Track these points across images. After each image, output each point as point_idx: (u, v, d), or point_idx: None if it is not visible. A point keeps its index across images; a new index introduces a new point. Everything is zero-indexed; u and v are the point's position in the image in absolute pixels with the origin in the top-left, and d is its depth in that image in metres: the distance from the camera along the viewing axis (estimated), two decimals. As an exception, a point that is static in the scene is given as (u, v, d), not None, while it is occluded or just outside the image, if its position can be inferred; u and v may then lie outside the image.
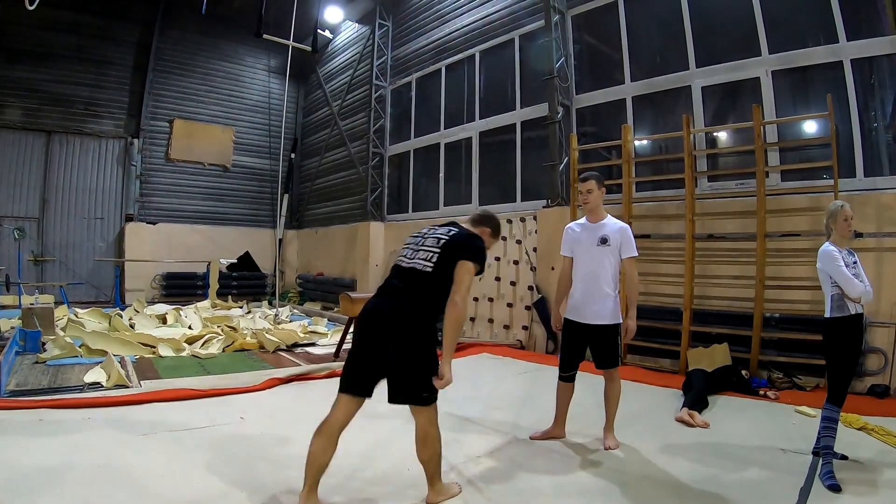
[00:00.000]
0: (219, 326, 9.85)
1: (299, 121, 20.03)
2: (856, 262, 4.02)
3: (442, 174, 13.08)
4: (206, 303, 13.29)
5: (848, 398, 3.95)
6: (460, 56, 12.79)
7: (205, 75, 17.84)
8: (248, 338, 8.95)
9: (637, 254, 4.63)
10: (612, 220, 4.68)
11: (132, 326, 9.65)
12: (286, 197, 18.14)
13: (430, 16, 13.88)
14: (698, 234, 7.72)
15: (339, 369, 6.97)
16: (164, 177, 17.00)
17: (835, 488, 3.58)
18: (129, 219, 16.02)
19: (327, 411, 3.21)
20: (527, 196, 10.90)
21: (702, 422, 5.16)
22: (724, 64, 8.18)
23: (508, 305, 9.91)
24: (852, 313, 3.89)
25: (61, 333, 8.40)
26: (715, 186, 8.20)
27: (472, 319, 10.40)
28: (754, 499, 3.54)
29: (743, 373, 6.66)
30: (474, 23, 12.41)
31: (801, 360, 6.64)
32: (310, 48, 14.05)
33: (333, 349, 8.48)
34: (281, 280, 16.90)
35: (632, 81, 9.32)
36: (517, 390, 6.56)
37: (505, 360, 8.49)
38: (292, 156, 19.17)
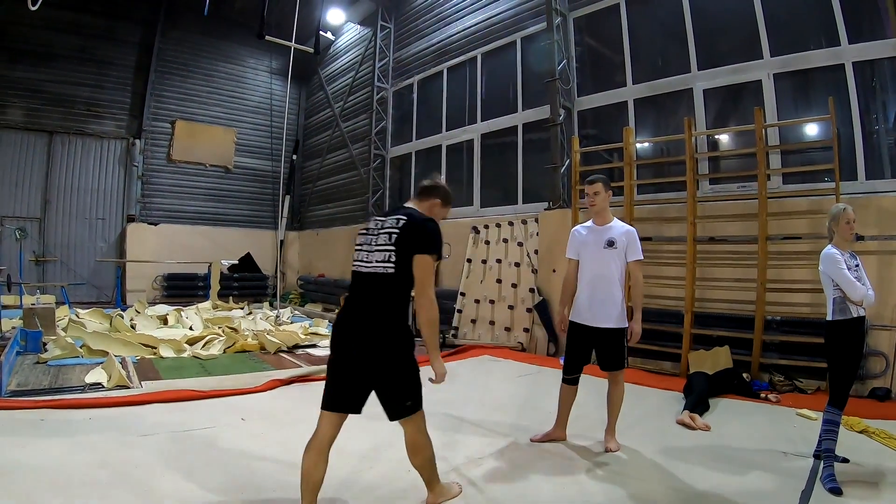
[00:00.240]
0: (220, 327, 9.85)
1: (301, 122, 20.06)
2: (858, 266, 4.02)
3: (443, 176, 13.05)
4: (207, 304, 13.29)
5: (849, 401, 3.94)
6: (462, 58, 12.81)
7: (207, 76, 17.88)
8: (250, 339, 8.95)
9: (643, 257, 4.63)
10: (618, 223, 4.68)
11: (133, 327, 9.65)
12: (288, 198, 18.15)
13: (431, 18, 13.91)
14: (700, 237, 7.72)
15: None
16: (165, 178, 17.03)
17: (836, 491, 3.58)
18: (131, 219, 16.05)
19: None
20: (528, 198, 10.90)
21: (703, 424, 5.16)
22: (725, 67, 8.18)
23: (510, 308, 9.90)
24: (854, 316, 3.89)
25: (62, 334, 8.41)
26: (716, 189, 8.20)
27: (474, 321, 10.39)
28: (755, 502, 3.53)
29: (744, 376, 6.65)
30: (476, 25, 12.43)
31: (803, 363, 6.63)
32: (312, 50, 14.07)
33: (334, 351, 8.45)
34: (282, 281, 16.89)
35: (633, 84, 9.32)
36: (518, 392, 6.55)
37: (506, 362, 8.48)
38: (294, 157, 19.18)
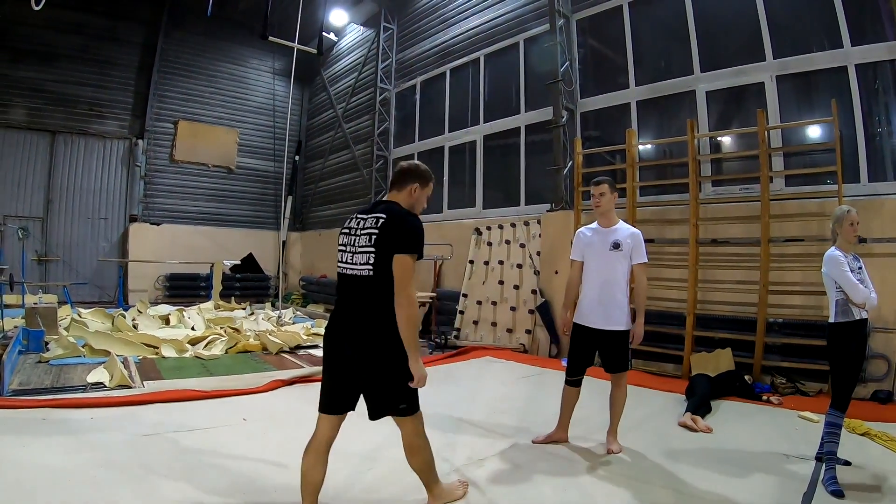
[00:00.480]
0: (222, 328, 9.86)
1: (303, 123, 20.08)
2: (861, 268, 4.01)
3: (446, 177, 13.07)
4: (209, 304, 13.30)
5: (851, 404, 3.93)
6: (465, 59, 12.81)
7: (209, 77, 17.89)
8: (251, 339, 8.96)
9: (647, 260, 4.63)
10: (623, 226, 4.67)
11: (135, 327, 9.66)
12: (290, 199, 18.14)
13: (434, 19, 13.92)
14: (702, 239, 7.72)
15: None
16: (168, 178, 17.04)
17: (838, 494, 3.57)
18: (133, 219, 16.07)
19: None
20: (531, 200, 10.90)
21: (705, 427, 5.15)
22: (728, 68, 8.18)
23: (512, 309, 9.89)
24: (857, 318, 3.88)
25: (64, 333, 8.41)
26: (719, 191, 8.19)
27: (476, 323, 10.39)
28: (757, 504, 3.52)
29: (746, 378, 6.65)
30: (479, 26, 12.43)
31: (805, 365, 6.63)
32: (315, 51, 14.06)
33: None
34: (284, 282, 16.87)
35: (636, 86, 9.32)
36: (520, 394, 6.55)
37: (508, 363, 8.48)
38: (296, 158, 19.18)
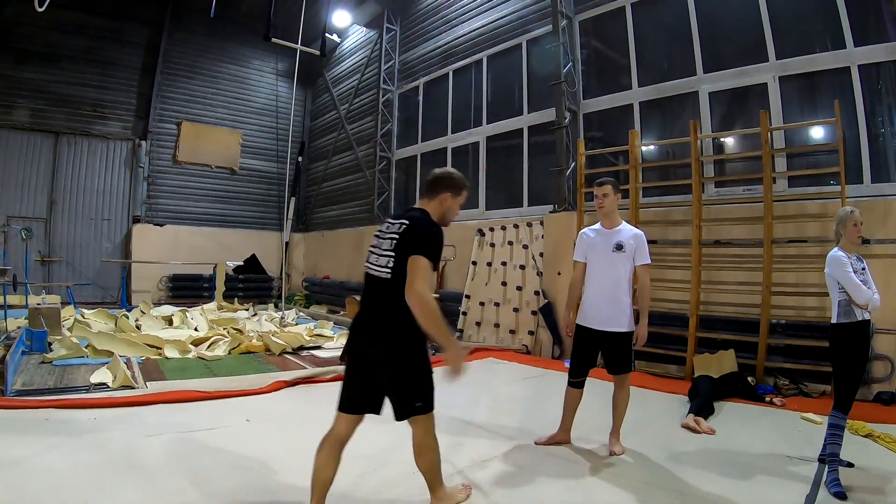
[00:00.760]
0: (225, 329, 9.89)
1: (307, 124, 20.11)
2: (864, 269, 4.01)
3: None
4: (212, 305, 13.34)
5: (854, 405, 3.92)
6: (468, 61, 12.82)
7: (212, 78, 17.93)
8: (254, 340, 8.97)
9: (650, 261, 4.63)
10: (626, 227, 4.67)
11: (138, 328, 9.68)
12: (293, 200, 18.15)
13: (437, 20, 13.93)
14: (705, 240, 7.71)
15: (344, 373, 7.03)
16: (171, 179, 17.08)
17: (840, 496, 3.57)
18: (136, 220, 16.10)
19: (331, 414, 3.21)
20: (533, 201, 10.91)
21: (707, 428, 5.15)
22: (731, 69, 8.17)
23: (514, 310, 9.89)
24: (859, 319, 3.87)
25: (67, 334, 8.44)
26: (722, 192, 8.18)
27: (478, 324, 10.39)
28: (760, 506, 3.52)
29: (749, 379, 6.64)
30: (482, 27, 12.44)
31: (808, 366, 6.61)
32: (318, 52, 14.08)
33: (339, 352, 8.44)
34: (287, 283, 16.90)
35: (639, 87, 9.32)
36: (523, 395, 6.55)
37: (510, 364, 8.48)
38: (299, 159, 19.20)
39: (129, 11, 16.17)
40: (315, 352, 9.02)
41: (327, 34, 15.39)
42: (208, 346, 8.63)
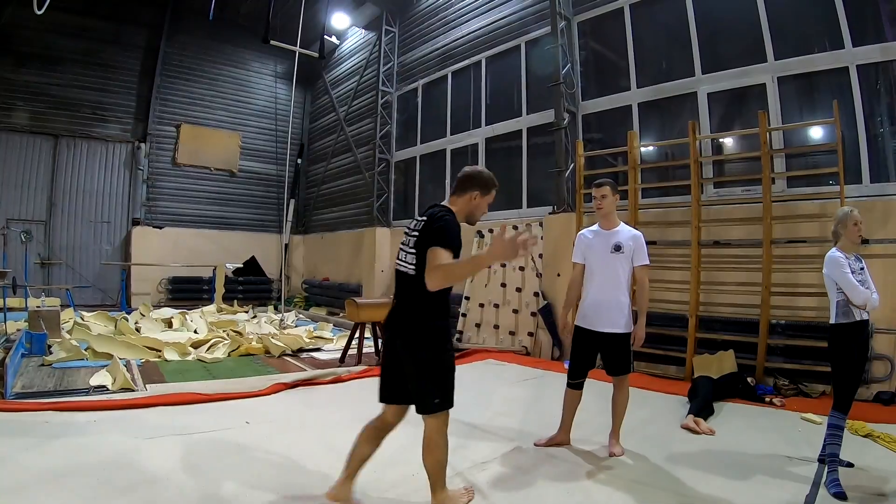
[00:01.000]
0: (224, 331, 9.89)
1: (306, 126, 20.13)
2: (863, 269, 4.01)
3: (448, 180, 13.07)
4: (211, 307, 13.34)
5: (854, 405, 3.92)
6: (466, 62, 12.82)
7: (212, 80, 17.97)
8: (254, 342, 8.97)
9: (649, 262, 4.63)
10: (625, 228, 4.66)
11: (138, 330, 9.69)
12: (292, 202, 18.14)
13: (436, 22, 13.93)
14: (704, 241, 7.71)
15: (344, 375, 7.05)
16: (170, 181, 17.10)
17: (840, 496, 3.56)
18: (136, 223, 16.12)
19: (331, 416, 3.21)
20: (532, 202, 10.91)
21: (707, 429, 5.14)
22: (730, 70, 8.17)
23: (514, 312, 9.89)
24: (857, 319, 3.88)
25: (67, 336, 8.45)
26: (721, 193, 8.18)
27: (478, 325, 10.38)
28: (760, 506, 3.52)
29: (749, 380, 6.63)
30: (480, 29, 12.44)
31: (808, 366, 6.61)
32: (316, 54, 14.09)
33: (339, 354, 8.50)
34: (287, 285, 16.91)
35: (638, 88, 9.32)
36: (522, 396, 6.54)
37: (510, 366, 8.48)
38: (299, 161, 19.18)
39: (128, 14, 16.21)
40: (314, 354, 9.03)
41: (326, 36, 15.42)
42: (208, 349, 8.63)
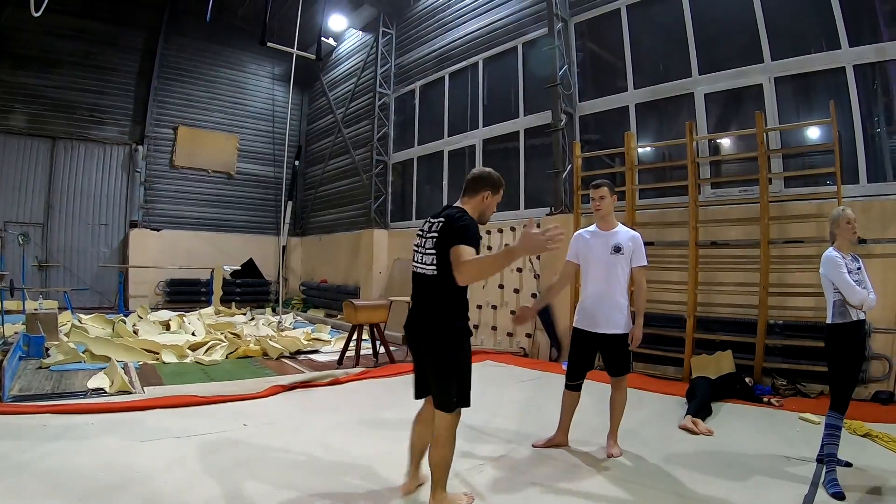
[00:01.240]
0: (222, 333, 9.87)
1: (303, 128, 20.13)
2: (860, 268, 4.01)
3: (445, 181, 13.10)
4: (209, 309, 13.31)
5: (852, 405, 3.93)
6: (463, 64, 12.83)
7: (209, 82, 17.97)
8: (252, 345, 8.95)
9: (647, 262, 4.63)
10: (623, 229, 4.66)
11: (136, 332, 9.66)
12: (290, 204, 18.15)
13: (433, 24, 13.94)
14: (701, 242, 7.71)
15: (342, 377, 7.05)
16: (168, 183, 17.08)
17: (839, 496, 3.56)
18: (134, 225, 16.09)
19: (329, 418, 3.22)
20: (530, 204, 10.90)
21: (705, 429, 5.14)
22: (726, 71, 8.19)
23: (512, 313, 9.89)
24: (854, 319, 3.88)
25: (65, 339, 8.43)
26: (718, 193, 8.19)
27: (476, 327, 10.38)
28: (758, 506, 3.51)
29: (747, 380, 6.63)
30: (477, 31, 12.45)
31: (805, 366, 6.61)
32: (314, 56, 14.09)
33: (337, 356, 8.49)
34: (284, 287, 16.89)
35: (635, 89, 9.33)
36: (520, 398, 6.54)
37: (508, 367, 8.47)
38: (296, 163, 19.23)
39: (125, 16, 16.20)
40: (312, 356, 9.01)
41: (323, 38, 15.40)
42: (206, 351, 8.61)
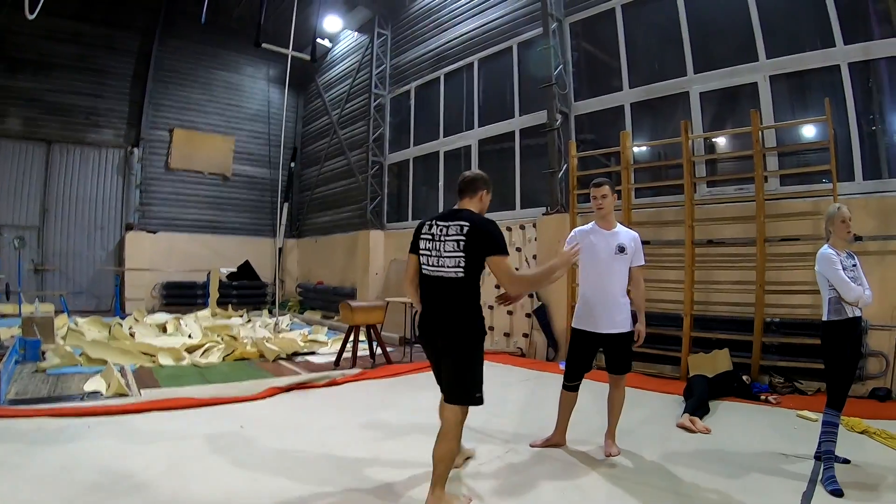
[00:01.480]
0: (219, 335, 9.85)
1: (299, 130, 20.09)
2: (855, 266, 4.02)
3: (441, 182, 13.09)
4: (206, 312, 13.27)
5: (849, 402, 3.94)
6: (459, 64, 12.82)
7: (204, 84, 17.92)
8: (248, 347, 8.92)
9: (645, 262, 4.64)
10: (623, 228, 4.66)
11: (132, 335, 9.63)
12: (286, 206, 18.12)
13: (428, 24, 13.92)
14: (698, 240, 7.72)
15: (339, 378, 7.04)
16: (164, 186, 17.02)
17: (837, 493, 3.57)
18: (130, 228, 16.02)
19: (327, 420, 3.22)
20: (526, 204, 10.91)
21: (703, 427, 5.15)
22: (721, 69, 8.19)
23: (509, 313, 9.89)
24: (850, 316, 3.88)
25: (61, 342, 8.41)
26: (714, 192, 8.19)
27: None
28: (756, 504, 3.52)
29: (744, 378, 6.65)
30: (473, 31, 12.44)
31: (802, 364, 6.62)
32: (308, 57, 14.08)
33: (334, 358, 8.48)
34: (281, 289, 16.87)
35: (630, 88, 9.33)
36: (518, 398, 6.54)
37: (505, 367, 8.48)
38: (292, 165, 19.21)
39: (120, 19, 16.13)
40: (309, 357, 9.00)
41: (318, 39, 15.40)
42: (202, 353, 8.60)
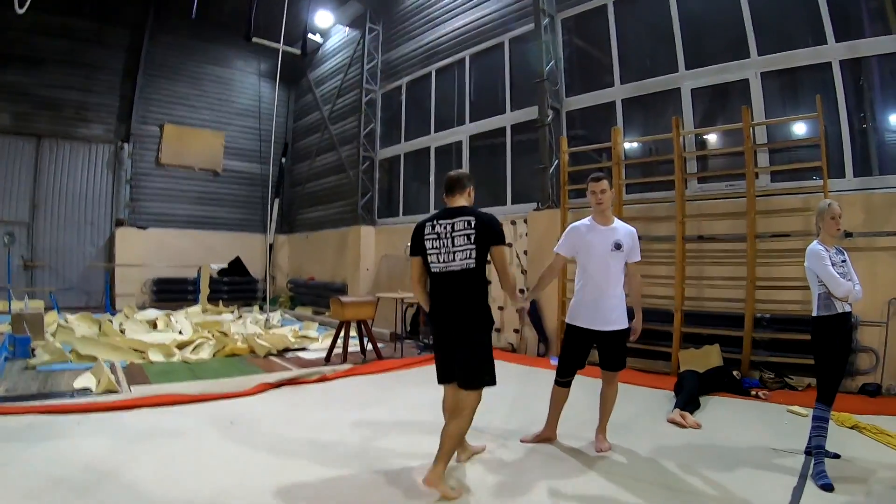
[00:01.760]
0: (209, 331, 9.80)
1: (290, 125, 20.01)
2: (844, 261, 4.04)
3: (432, 178, 13.07)
4: (196, 308, 13.22)
5: (840, 397, 3.96)
6: (450, 60, 12.79)
7: (195, 80, 17.81)
8: (239, 343, 8.89)
9: (640, 258, 4.65)
10: (620, 224, 4.63)
11: (122, 332, 9.58)
12: (277, 201, 18.05)
13: (420, 20, 13.88)
14: (689, 236, 7.75)
15: (329, 374, 7.03)
16: (154, 181, 16.93)
17: (827, 487, 3.60)
18: (120, 224, 15.95)
19: (318, 415, 3.21)
20: (517, 199, 10.91)
21: (693, 423, 5.17)
22: (712, 66, 8.21)
23: (499, 309, 9.89)
24: (839, 312, 3.90)
25: (51, 339, 8.37)
26: (705, 188, 8.23)
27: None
28: (747, 499, 3.53)
29: (734, 373, 6.69)
30: (464, 26, 12.42)
31: (793, 359, 6.66)
32: (299, 51, 14.02)
33: (324, 354, 8.46)
34: (272, 285, 16.81)
35: (621, 84, 9.34)
36: (508, 393, 6.52)
37: (496, 363, 8.41)
38: (283, 160, 19.12)
39: (110, 14, 16.00)
40: (300, 353, 8.97)
41: (310, 34, 15.33)
42: (193, 350, 8.55)
